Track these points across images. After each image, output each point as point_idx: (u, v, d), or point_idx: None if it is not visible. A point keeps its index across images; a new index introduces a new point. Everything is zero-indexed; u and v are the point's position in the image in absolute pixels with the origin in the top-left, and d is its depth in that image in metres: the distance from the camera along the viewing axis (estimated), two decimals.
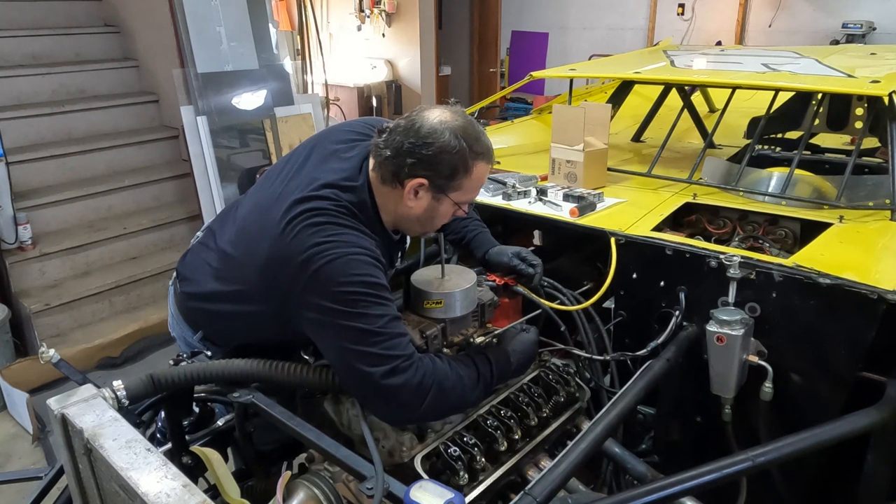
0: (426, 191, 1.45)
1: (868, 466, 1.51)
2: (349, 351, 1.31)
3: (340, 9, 6.41)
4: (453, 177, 1.44)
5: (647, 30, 7.50)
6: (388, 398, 1.32)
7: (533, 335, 1.60)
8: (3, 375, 3.46)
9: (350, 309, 1.30)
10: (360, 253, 1.35)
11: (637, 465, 1.56)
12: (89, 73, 4.90)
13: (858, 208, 1.98)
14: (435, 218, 1.53)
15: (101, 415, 1.20)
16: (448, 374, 1.37)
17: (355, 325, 1.30)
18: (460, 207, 1.53)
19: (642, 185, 2.34)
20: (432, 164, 1.42)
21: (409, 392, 1.31)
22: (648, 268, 1.84)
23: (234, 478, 1.44)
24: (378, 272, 1.36)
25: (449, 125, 1.42)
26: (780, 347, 1.63)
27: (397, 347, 1.31)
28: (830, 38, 6.20)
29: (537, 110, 3.67)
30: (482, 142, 1.47)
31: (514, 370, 1.55)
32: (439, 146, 1.40)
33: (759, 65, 2.56)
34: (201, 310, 1.68)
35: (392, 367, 1.30)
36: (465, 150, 1.42)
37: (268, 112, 4.58)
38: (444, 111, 1.47)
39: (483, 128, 1.52)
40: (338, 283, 1.31)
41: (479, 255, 1.88)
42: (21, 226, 3.91)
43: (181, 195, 4.81)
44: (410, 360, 1.32)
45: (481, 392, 1.45)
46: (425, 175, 1.43)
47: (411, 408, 1.33)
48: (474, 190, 1.52)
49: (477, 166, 1.46)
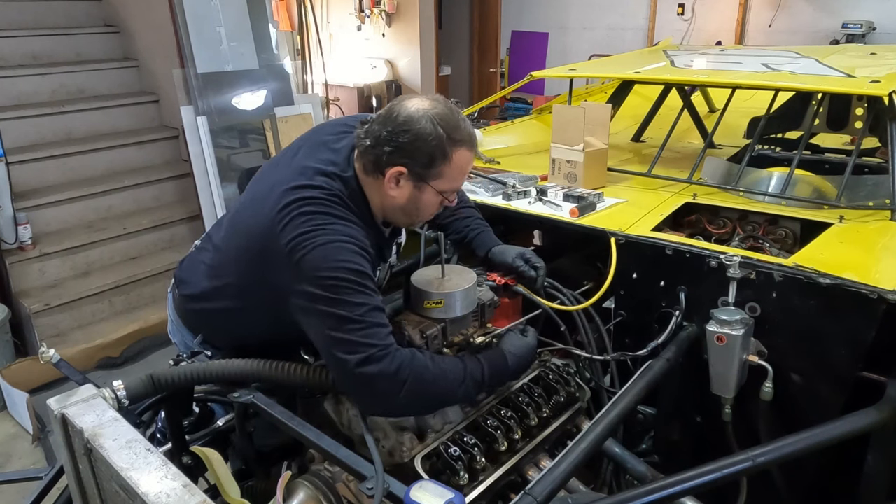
0: (406, 179, 1.45)
1: (868, 466, 1.51)
2: (329, 337, 1.33)
3: (340, 9, 6.41)
4: (432, 164, 1.44)
5: (647, 30, 7.50)
6: (363, 387, 1.33)
7: (531, 338, 1.58)
8: (3, 375, 3.46)
9: (331, 295, 1.31)
10: (346, 241, 1.36)
11: (637, 465, 1.56)
12: (89, 73, 4.90)
13: (858, 208, 1.98)
14: (420, 208, 1.52)
15: (101, 415, 1.20)
16: (428, 369, 1.36)
17: (334, 312, 1.31)
18: (445, 197, 1.52)
19: (642, 185, 2.34)
20: (409, 151, 1.42)
21: (385, 382, 1.31)
22: (648, 268, 1.84)
23: (234, 478, 1.44)
24: (363, 261, 1.37)
25: (426, 112, 1.42)
26: (780, 347, 1.63)
27: (374, 337, 1.32)
28: (830, 38, 6.20)
29: (537, 110, 3.67)
30: (462, 128, 1.45)
31: (512, 372, 1.53)
32: (415, 133, 1.41)
33: (759, 65, 2.56)
34: (199, 310, 1.69)
35: (367, 355, 1.30)
36: (443, 137, 1.41)
37: (268, 112, 4.57)
38: (424, 100, 1.47)
39: (464, 115, 1.51)
40: (322, 269, 1.32)
41: (481, 253, 1.87)
42: (21, 226, 3.91)
43: (181, 195, 4.81)
44: (386, 350, 1.32)
45: (468, 391, 1.43)
46: (404, 163, 1.43)
47: (387, 398, 1.33)
48: (457, 178, 1.51)
49: (457, 153, 1.45)
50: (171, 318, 1.82)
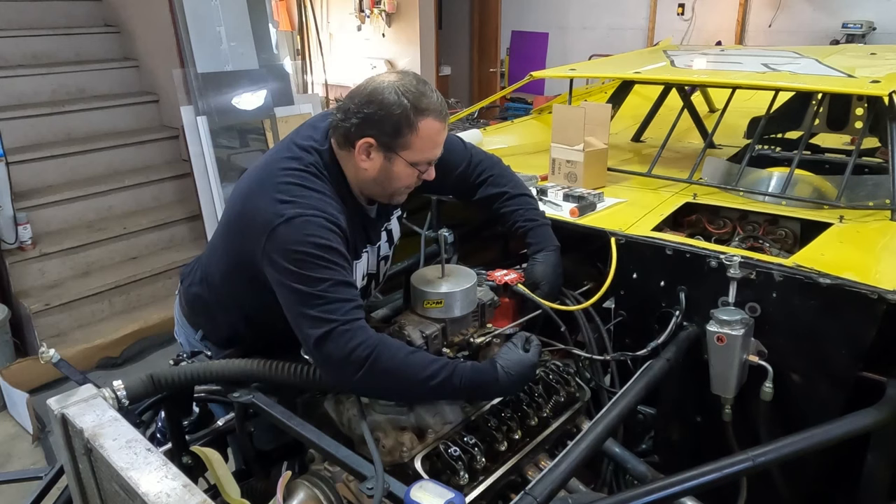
0: (376, 151, 1.48)
1: (868, 466, 1.51)
2: (294, 311, 1.37)
3: (340, 9, 6.41)
4: (398, 134, 1.46)
5: (647, 30, 7.50)
6: (323, 361, 1.36)
7: (531, 355, 1.46)
8: (3, 375, 3.46)
9: (296, 269, 1.35)
10: (317, 215, 1.40)
11: (637, 465, 1.56)
12: (89, 73, 4.90)
13: (858, 208, 1.98)
14: (392, 179, 1.53)
15: (101, 415, 1.20)
16: (393, 355, 1.35)
17: (297, 287, 1.35)
18: (418, 169, 1.54)
19: (642, 185, 2.34)
20: (376, 122, 1.45)
21: (342, 358, 1.32)
22: (648, 268, 1.84)
23: (234, 478, 1.44)
24: (332, 236, 1.40)
25: (392, 84, 1.46)
26: (780, 347, 1.63)
27: (336, 312, 1.33)
28: (830, 38, 6.20)
29: (537, 110, 3.67)
30: (428, 98, 1.47)
31: (502, 388, 1.44)
32: (379, 103, 1.44)
33: (759, 65, 2.56)
34: (195, 298, 1.74)
35: (327, 330, 1.32)
36: (408, 107, 1.44)
37: (268, 112, 4.58)
38: (393, 74, 1.51)
39: (433, 88, 1.53)
40: (290, 242, 1.36)
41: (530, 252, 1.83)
42: (21, 226, 3.91)
43: (181, 195, 4.81)
44: (348, 325, 1.33)
45: (434, 390, 1.38)
46: (371, 134, 1.46)
47: (343, 373, 1.35)
48: (427, 150, 1.52)
49: (423, 123, 1.47)
50: (177, 317, 1.85)
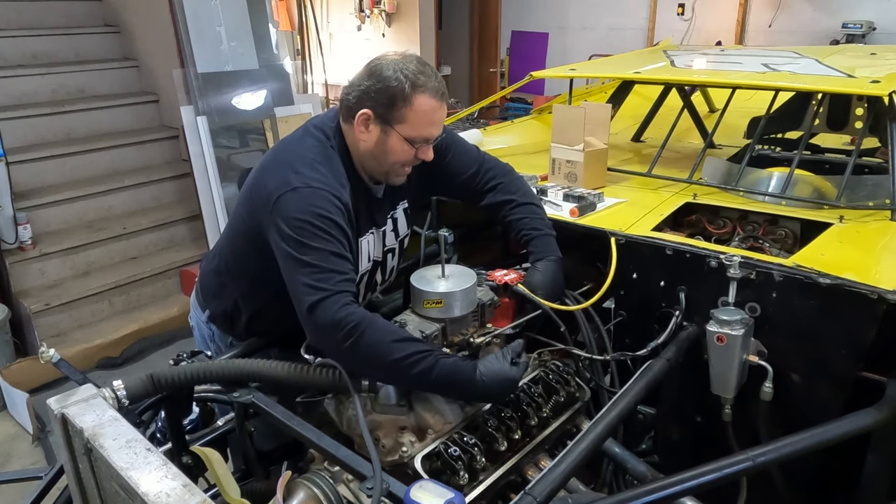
0: (375, 123, 1.56)
1: (868, 466, 1.51)
2: (290, 277, 1.43)
3: (340, 9, 6.40)
4: (393, 105, 1.53)
5: (647, 30, 7.50)
6: (312, 327, 1.41)
7: (515, 371, 1.43)
8: (3, 375, 3.46)
9: (295, 236, 1.42)
10: (322, 188, 1.48)
11: (637, 465, 1.56)
12: (89, 73, 4.91)
13: (858, 208, 1.98)
14: (388, 153, 1.58)
15: (101, 415, 1.20)
16: (380, 334, 1.37)
17: (293, 253, 1.42)
18: (413, 145, 1.58)
19: (642, 185, 2.34)
20: (373, 94, 1.54)
21: (329, 326, 1.37)
22: (648, 268, 1.84)
23: (234, 478, 1.44)
24: (333, 208, 1.46)
25: (393, 62, 1.55)
26: (780, 347, 1.63)
27: (327, 282, 1.38)
28: (830, 38, 6.19)
29: (537, 110, 3.67)
30: (426, 76, 1.54)
31: (478, 393, 1.43)
32: (378, 77, 1.53)
33: (759, 65, 2.56)
34: (208, 276, 1.83)
35: (317, 298, 1.37)
36: (404, 81, 1.51)
37: (268, 112, 4.58)
38: (396, 54, 1.59)
39: (434, 70, 1.59)
40: (294, 210, 1.44)
41: (531, 260, 1.81)
42: (21, 226, 3.91)
43: (181, 195, 4.81)
44: (337, 297, 1.38)
45: (414, 378, 1.37)
46: (369, 106, 1.54)
47: (330, 343, 1.40)
48: (422, 126, 1.56)
49: (418, 98, 1.53)
50: (191, 301, 1.93)
